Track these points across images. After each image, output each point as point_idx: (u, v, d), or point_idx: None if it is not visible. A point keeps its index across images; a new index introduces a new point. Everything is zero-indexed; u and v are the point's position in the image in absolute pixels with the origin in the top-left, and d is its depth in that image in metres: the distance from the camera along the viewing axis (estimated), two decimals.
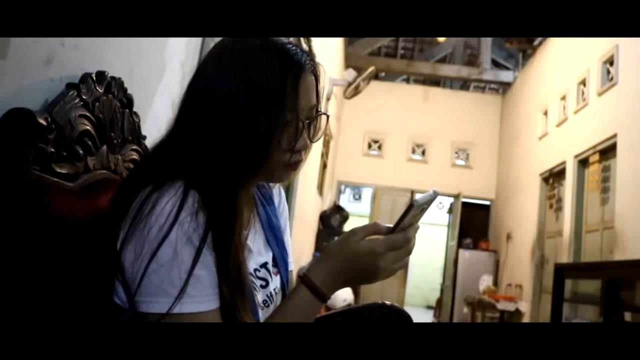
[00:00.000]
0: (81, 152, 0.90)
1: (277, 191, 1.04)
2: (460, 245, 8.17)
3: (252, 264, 0.88)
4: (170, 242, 0.70)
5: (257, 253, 0.91)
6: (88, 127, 0.92)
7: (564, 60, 5.97)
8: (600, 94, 4.86)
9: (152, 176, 0.76)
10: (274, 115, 0.77)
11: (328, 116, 0.88)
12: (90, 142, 0.93)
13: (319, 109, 0.85)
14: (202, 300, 0.72)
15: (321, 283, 0.79)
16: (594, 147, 4.88)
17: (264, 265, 0.92)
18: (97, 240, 0.77)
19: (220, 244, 0.74)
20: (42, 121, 0.78)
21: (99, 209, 0.89)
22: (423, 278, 11.68)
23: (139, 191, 0.74)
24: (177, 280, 0.70)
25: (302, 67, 0.80)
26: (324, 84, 0.87)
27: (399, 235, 0.78)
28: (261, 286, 0.89)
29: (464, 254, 8.03)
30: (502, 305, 6.29)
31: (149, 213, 0.71)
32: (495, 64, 8.90)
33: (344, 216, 7.27)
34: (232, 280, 0.76)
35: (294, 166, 0.84)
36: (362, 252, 0.77)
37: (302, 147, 0.82)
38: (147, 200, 0.72)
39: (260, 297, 0.88)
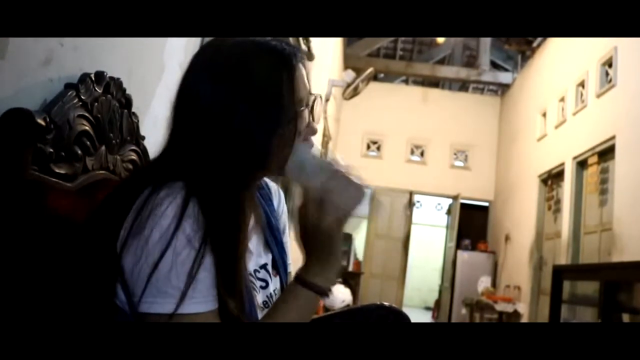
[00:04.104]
0: (80, 152, 0.90)
1: (276, 192, 1.04)
2: (458, 246, 8.17)
3: (251, 265, 0.88)
4: (170, 244, 0.70)
5: (256, 254, 0.91)
6: (87, 128, 0.92)
7: (563, 62, 5.98)
8: (598, 96, 4.87)
9: (151, 178, 0.76)
10: (275, 115, 0.77)
11: (321, 97, 0.88)
12: (88, 143, 0.93)
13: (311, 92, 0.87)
14: (201, 301, 0.71)
15: (324, 281, 0.79)
16: (593, 148, 4.89)
17: (264, 267, 0.92)
18: (96, 242, 0.76)
19: (222, 249, 0.73)
20: (40, 121, 0.78)
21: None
22: (421, 279, 11.68)
23: (138, 193, 0.74)
24: (177, 281, 0.69)
25: (294, 62, 0.81)
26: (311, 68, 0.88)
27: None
28: (261, 287, 0.89)
29: (463, 256, 8.03)
30: (500, 307, 6.29)
31: (150, 215, 0.71)
32: (494, 66, 8.91)
33: None
34: (231, 283, 0.75)
35: None
36: (326, 223, 0.76)
37: (312, 133, 0.84)
38: (148, 202, 0.72)
39: (260, 298, 0.88)
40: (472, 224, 8.52)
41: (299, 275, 0.80)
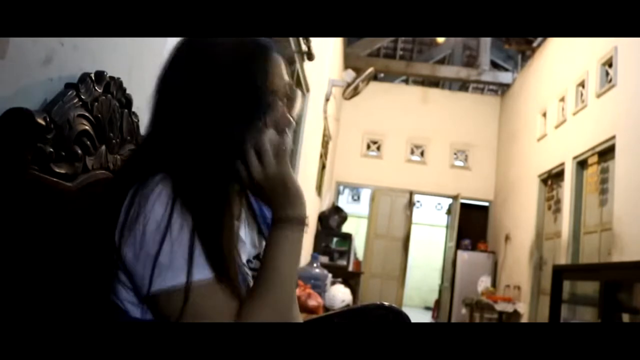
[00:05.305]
0: (80, 152, 0.91)
1: None
2: (458, 246, 8.17)
3: (244, 255, 0.88)
4: (168, 226, 0.72)
5: (250, 244, 0.92)
6: (87, 127, 0.92)
7: (563, 61, 5.98)
8: (598, 96, 4.87)
9: (138, 173, 0.77)
10: (249, 103, 0.80)
11: (303, 92, 0.90)
12: (89, 142, 0.93)
13: (293, 87, 0.89)
14: (206, 267, 0.73)
15: (297, 212, 0.82)
16: (593, 148, 4.89)
17: (257, 257, 0.92)
18: (92, 239, 0.77)
19: (207, 228, 0.75)
20: (40, 121, 0.78)
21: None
22: (421, 279, 11.69)
23: (127, 188, 0.76)
24: (181, 255, 0.71)
25: (266, 48, 0.84)
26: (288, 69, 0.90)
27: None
28: (254, 277, 0.89)
29: (463, 255, 8.03)
30: (500, 307, 6.29)
31: (143, 204, 0.73)
32: (494, 65, 8.91)
33: (343, 217, 7.27)
34: (221, 258, 0.76)
35: None
36: (275, 167, 0.81)
37: (286, 125, 0.85)
38: (137, 194, 0.74)
39: None
40: (472, 224, 8.52)
41: (274, 219, 0.82)
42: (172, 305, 0.71)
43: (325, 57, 5.48)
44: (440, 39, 9.17)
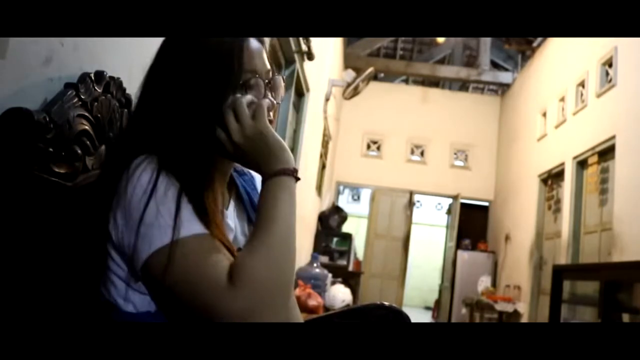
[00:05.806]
0: (79, 151, 0.91)
1: (260, 179, 1.05)
2: (458, 246, 8.17)
3: (235, 243, 0.88)
4: (154, 191, 0.73)
5: (240, 233, 0.93)
6: (86, 127, 0.92)
7: (563, 61, 5.98)
8: (599, 96, 4.87)
9: (124, 162, 0.78)
10: (225, 79, 0.82)
11: (284, 78, 0.94)
12: (88, 142, 0.94)
13: (275, 73, 0.91)
14: (197, 222, 0.73)
15: (285, 164, 0.81)
16: (593, 148, 4.89)
17: None
18: (88, 234, 0.78)
19: (195, 190, 0.76)
20: (40, 121, 0.78)
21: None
22: (421, 279, 11.69)
23: (117, 175, 0.77)
24: (168, 213, 0.72)
25: (244, 38, 0.87)
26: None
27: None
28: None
29: (463, 255, 8.03)
30: (500, 307, 6.29)
31: (128, 181, 0.74)
32: (494, 65, 8.91)
33: (343, 217, 7.27)
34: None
35: None
36: (253, 125, 0.82)
37: (267, 106, 0.86)
38: (122, 178, 0.75)
39: None
40: (472, 224, 8.52)
41: (264, 176, 0.82)
42: (167, 264, 0.71)
43: (325, 57, 5.48)
44: (440, 39, 9.16)
